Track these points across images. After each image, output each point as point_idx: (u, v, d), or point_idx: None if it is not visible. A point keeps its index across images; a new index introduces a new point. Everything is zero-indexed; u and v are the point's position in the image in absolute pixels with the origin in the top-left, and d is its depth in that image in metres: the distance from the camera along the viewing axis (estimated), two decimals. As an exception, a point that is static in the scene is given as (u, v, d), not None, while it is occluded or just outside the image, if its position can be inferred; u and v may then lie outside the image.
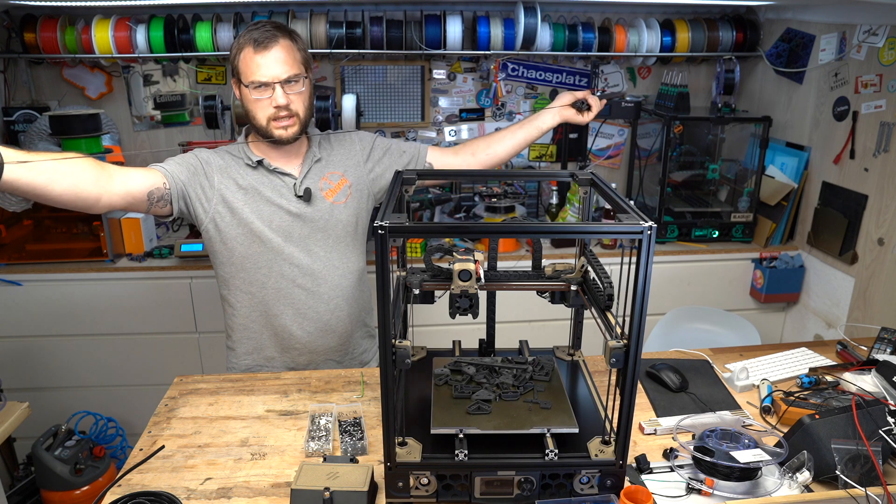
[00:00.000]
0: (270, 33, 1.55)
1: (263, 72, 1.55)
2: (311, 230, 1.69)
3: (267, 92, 1.57)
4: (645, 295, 1.07)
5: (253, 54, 1.55)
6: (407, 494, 1.19)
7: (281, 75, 1.55)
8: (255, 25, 1.58)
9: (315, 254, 1.70)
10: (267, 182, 1.67)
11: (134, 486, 1.27)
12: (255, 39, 1.54)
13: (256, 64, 1.55)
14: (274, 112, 1.58)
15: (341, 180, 1.73)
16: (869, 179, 2.38)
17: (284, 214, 1.67)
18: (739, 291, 2.83)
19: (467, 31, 2.80)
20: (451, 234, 2.15)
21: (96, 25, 2.60)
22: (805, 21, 2.67)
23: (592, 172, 1.42)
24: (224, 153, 1.71)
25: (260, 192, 1.66)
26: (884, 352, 1.73)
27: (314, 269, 1.70)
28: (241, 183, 1.66)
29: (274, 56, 1.55)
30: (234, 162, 1.69)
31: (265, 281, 1.70)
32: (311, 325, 1.74)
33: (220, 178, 1.65)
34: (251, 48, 1.55)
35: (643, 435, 1.44)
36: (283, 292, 1.71)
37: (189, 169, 1.64)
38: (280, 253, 1.68)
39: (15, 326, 2.53)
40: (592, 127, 3.08)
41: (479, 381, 1.36)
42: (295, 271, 1.69)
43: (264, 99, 1.58)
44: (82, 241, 2.60)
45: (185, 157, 1.68)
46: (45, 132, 2.63)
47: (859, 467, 1.22)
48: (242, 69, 1.58)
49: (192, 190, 1.63)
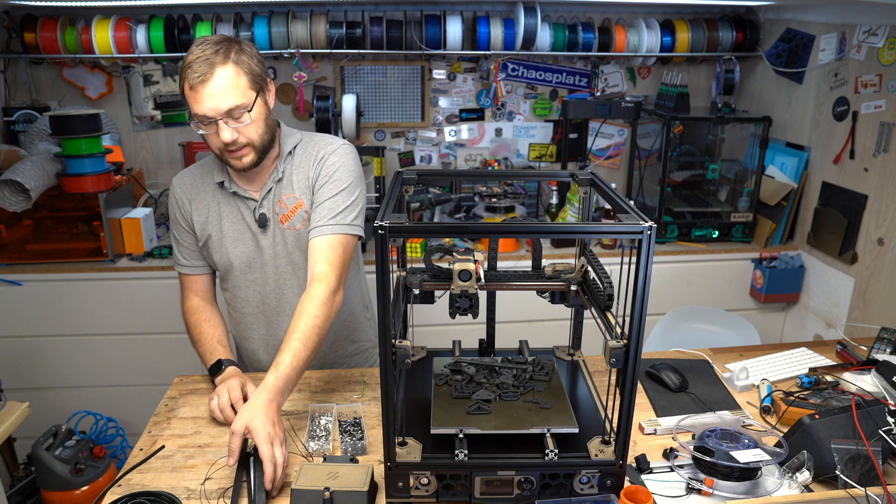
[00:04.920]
0: (207, 64, 1.38)
1: (203, 107, 1.40)
2: (271, 256, 1.61)
3: (212, 127, 1.43)
4: (645, 295, 1.07)
5: (189, 90, 1.40)
6: (407, 494, 1.19)
7: (221, 108, 1.40)
8: (193, 52, 1.40)
9: (274, 281, 1.64)
10: (231, 204, 1.60)
11: (134, 486, 1.27)
12: (193, 76, 1.38)
13: (195, 100, 1.40)
14: (223, 146, 1.46)
15: (297, 203, 1.57)
16: (869, 179, 2.38)
17: (248, 240, 1.60)
18: (739, 291, 2.83)
19: (467, 31, 2.81)
20: (451, 234, 2.15)
21: (96, 25, 2.60)
22: (805, 21, 2.67)
23: (592, 172, 1.42)
24: (196, 172, 1.64)
25: (223, 216, 1.60)
26: (884, 352, 1.73)
27: (276, 295, 1.65)
28: (208, 204, 1.61)
29: (212, 89, 1.38)
30: (205, 180, 1.62)
31: (233, 303, 1.70)
32: (273, 349, 1.56)
33: (189, 207, 1.61)
34: (187, 82, 1.39)
35: (643, 435, 1.44)
36: (248, 317, 1.69)
37: (185, 232, 1.64)
38: (244, 278, 1.64)
39: (15, 326, 2.53)
40: (592, 127, 3.09)
41: (479, 381, 1.36)
42: (257, 297, 1.66)
43: (210, 133, 1.44)
44: (82, 241, 2.60)
45: (171, 221, 1.66)
46: (45, 132, 2.64)
47: (859, 467, 1.22)
48: (190, 102, 1.43)
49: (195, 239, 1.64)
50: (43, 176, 2.34)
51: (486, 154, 3.13)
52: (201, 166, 1.65)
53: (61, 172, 2.42)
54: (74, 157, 2.40)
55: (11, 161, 2.43)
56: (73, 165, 2.41)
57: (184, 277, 1.69)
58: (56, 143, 2.54)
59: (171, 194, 1.65)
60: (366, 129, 3.03)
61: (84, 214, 2.58)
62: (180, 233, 1.65)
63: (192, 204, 1.61)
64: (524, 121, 3.11)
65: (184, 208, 1.62)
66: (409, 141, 3.09)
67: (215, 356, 1.58)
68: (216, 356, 1.58)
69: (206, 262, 1.67)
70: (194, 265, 1.67)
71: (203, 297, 1.68)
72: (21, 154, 2.55)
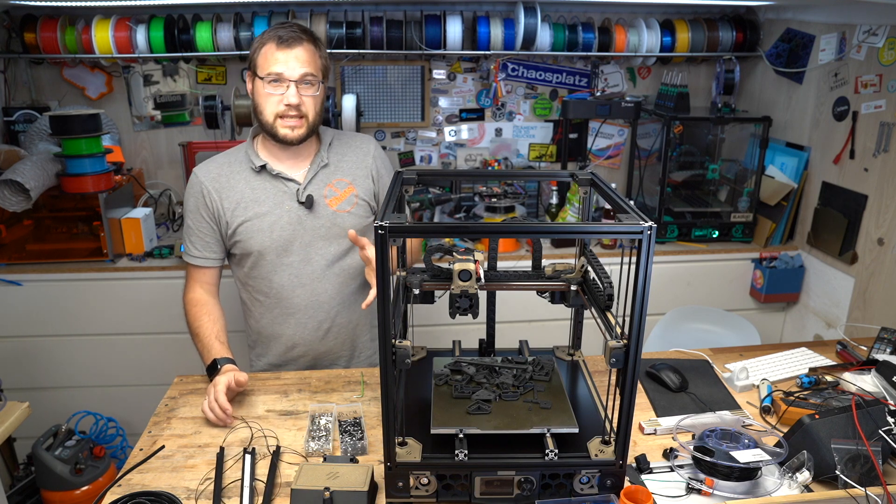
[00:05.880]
0: (296, 34, 1.57)
1: (281, 66, 1.55)
2: (312, 238, 1.68)
3: (280, 88, 1.57)
4: (645, 295, 1.07)
5: (275, 49, 1.55)
6: (407, 494, 1.19)
7: (297, 73, 1.56)
8: (282, 24, 1.59)
9: (315, 262, 1.69)
10: (270, 188, 1.67)
11: (134, 486, 1.27)
12: (280, 36, 1.56)
13: (276, 58, 1.55)
14: (283, 109, 1.58)
15: (348, 188, 1.71)
16: (869, 179, 2.38)
17: (285, 223, 1.66)
18: (739, 291, 2.83)
19: (467, 31, 2.81)
20: (451, 234, 2.15)
21: (96, 25, 2.60)
22: (805, 21, 2.67)
23: (592, 172, 1.42)
24: (222, 161, 1.70)
25: (260, 199, 1.66)
26: (883, 352, 1.73)
27: (314, 277, 1.70)
28: (241, 190, 1.66)
29: (295, 54, 1.56)
30: (234, 169, 1.68)
31: (268, 290, 1.72)
32: (311, 333, 1.75)
33: (216, 196, 1.66)
34: (274, 43, 1.56)
35: (643, 435, 1.44)
36: (284, 301, 1.72)
37: (203, 223, 1.68)
38: (280, 262, 1.68)
39: (15, 326, 2.53)
40: (592, 127, 3.09)
41: (479, 381, 1.36)
42: (294, 280, 1.70)
43: (276, 94, 1.58)
44: (82, 241, 2.60)
45: (189, 210, 1.69)
46: (45, 132, 2.64)
47: (859, 467, 1.22)
48: (260, 62, 1.58)
49: (215, 232, 1.69)
50: (43, 176, 2.34)
51: (486, 154, 3.13)
52: (227, 155, 1.72)
53: (61, 172, 2.42)
54: (74, 157, 2.39)
55: (11, 161, 2.43)
56: (73, 165, 2.41)
57: (191, 268, 1.72)
58: (56, 143, 2.54)
59: (192, 185, 1.69)
60: (366, 129, 3.03)
61: (84, 214, 2.57)
62: (198, 223, 1.68)
63: (220, 192, 1.66)
64: (524, 121, 3.11)
65: (209, 198, 1.66)
66: (409, 141, 3.09)
67: (212, 355, 1.60)
68: (213, 355, 1.61)
69: (218, 255, 1.72)
70: (206, 257, 1.70)
71: (207, 290, 1.72)
72: (21, 154, 2.55)
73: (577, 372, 1.52)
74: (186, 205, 1.70)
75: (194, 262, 1.71)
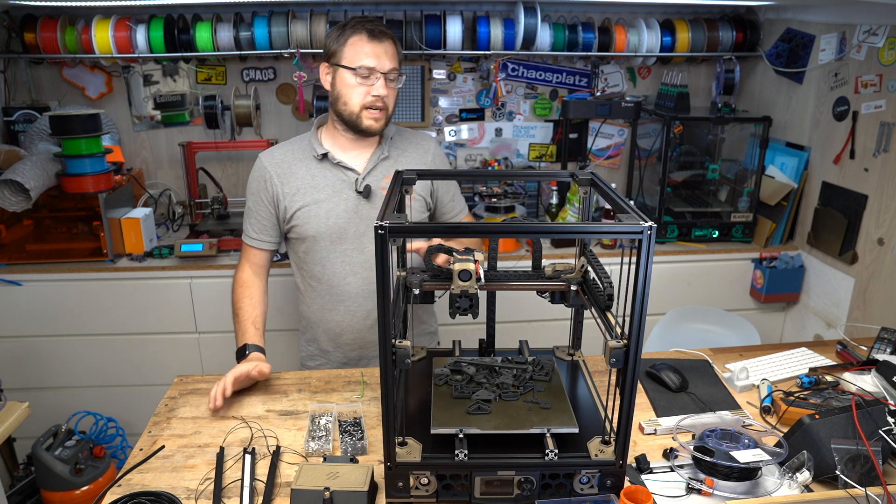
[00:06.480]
0: (383, 29, 1.64)
1: (373, 59, 1.61)
2: (367, 227, 1.71)
3: (370, 80, 1.63)
4: (645, 295, 1.07)
5: (367, 41, 1.61)
6: (407, 494, 1.19)
7: (387, 66, 1.63)
8: (363, 18, 1.67)
9: (368, 251, 1.73)
10: (330, 176, 1.72)
11: (134, 486, 1.27)
12: (370, 30, 1.62)
13: (368, 51, 1.61)
14: (371, 100, 1.64)
15: None
16: (869, 179, 2.38)
17: (341, 211, 1.71)
18: (739, 291, 2.83)
19: (467, 31, 2.80)
20: (451, 235, 2.15)
21: (96, 25, 2.60)
22: (805, 21, 2.67)
23: (592, 172, 1.42)
24: (286, 149, 1.77)
25: (319, 186, 1.71)
26: (884, 352, 1.73)
27: (366, 266, 1.74)
28: (301, 177, 1.71)
29: (385, 48, 1.63)
30: (298, 156, 1.74)
31: (320, 276, 1.76)
32: (360, 321, 1.79)
33: (278, 181, 1.72)
34: (365, 35, 1.61)
35: (643, 435, 1.44)
36: (335, 288, 1.76)
37: (262, 207, 1.74)
38: (334, 249, 1.73)
39: (15, 326, 2.53)
40: (592, 127, 3.09)
41: (479, 381, 1.36)
42: (347, 268, 1.74)
43: (364, 86, 1.63)
44: (82, 241, 2.60)
45: (251, 193, 1.76)
46: (45, 132, 2.64)
47: (859, 467, 1.22)
48: (348, 53, 1.62)
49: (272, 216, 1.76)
50: (43, 176, 2.35)
51: (486, 154, 3.13)
52: (292, 143, 1.79)
53: (61, 172, 2.42)
54: (74, 157, 2.40)
55: (11, 161, 2.43)
56: (73, 165, 2.41)
57: (246, 248, 1.81)
58: (56, 143, 2.54)
59: (256, 169, 1.77)
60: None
61: (84, 214, 2.58)
62: (258, 206, 1.76)
63: (281, 178, 1.73)
64: (524, 121, 3.11)
65: (270, 182, 1.73)
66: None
67: (244, 339, 1.67)
68: (245, 339, 1.67)
69: (272, 239, 1.80)
70: (261, 239, 1.78)
71: (255, 272, 1.80)
72: (21, 154, 2.55)
73: (577, 372, 1.52)
74: (249, 187, 1.78)
75: (250, 242, 1.79)
